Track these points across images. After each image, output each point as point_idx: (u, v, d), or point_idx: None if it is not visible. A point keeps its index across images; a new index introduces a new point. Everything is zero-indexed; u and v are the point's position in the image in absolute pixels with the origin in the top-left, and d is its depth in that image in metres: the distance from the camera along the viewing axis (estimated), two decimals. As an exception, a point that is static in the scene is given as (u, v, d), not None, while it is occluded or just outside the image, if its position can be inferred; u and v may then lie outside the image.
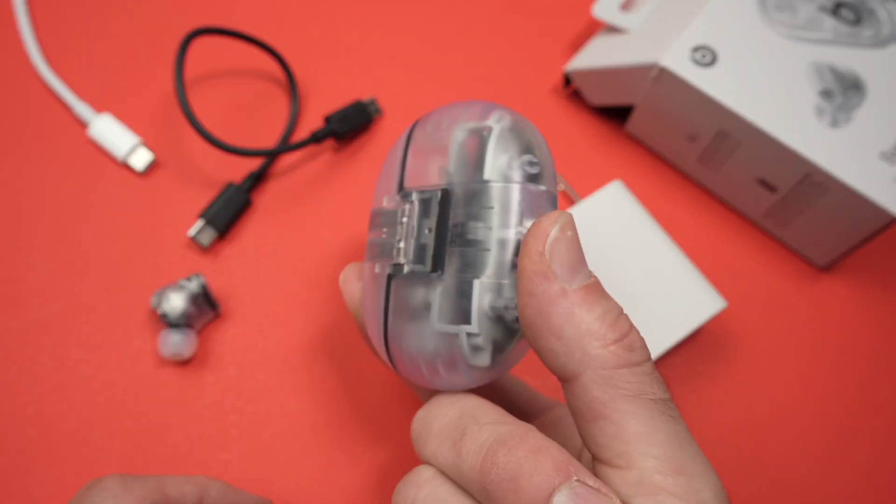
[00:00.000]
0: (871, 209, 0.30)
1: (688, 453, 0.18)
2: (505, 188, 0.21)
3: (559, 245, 0.19)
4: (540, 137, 0.22)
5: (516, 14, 0.41)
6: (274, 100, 0.38)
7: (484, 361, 0.21)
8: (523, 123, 0.22)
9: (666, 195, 0.37)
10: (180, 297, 0.31)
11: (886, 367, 0.33)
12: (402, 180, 0.23)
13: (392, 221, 0.23)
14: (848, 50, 0.33)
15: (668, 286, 0.31)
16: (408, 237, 0.22)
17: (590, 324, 0.18)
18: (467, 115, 0.22)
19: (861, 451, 0.32)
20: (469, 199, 0.21)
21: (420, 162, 0.23)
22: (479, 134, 0.22)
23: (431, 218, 0.22)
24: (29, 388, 0.31)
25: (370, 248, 0.24)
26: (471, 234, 0.21)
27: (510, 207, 0.21)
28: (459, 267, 0.21)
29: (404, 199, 0.23)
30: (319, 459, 0.30)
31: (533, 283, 0.19)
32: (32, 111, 0.37)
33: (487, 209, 0.21)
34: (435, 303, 0.21)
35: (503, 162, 0.21)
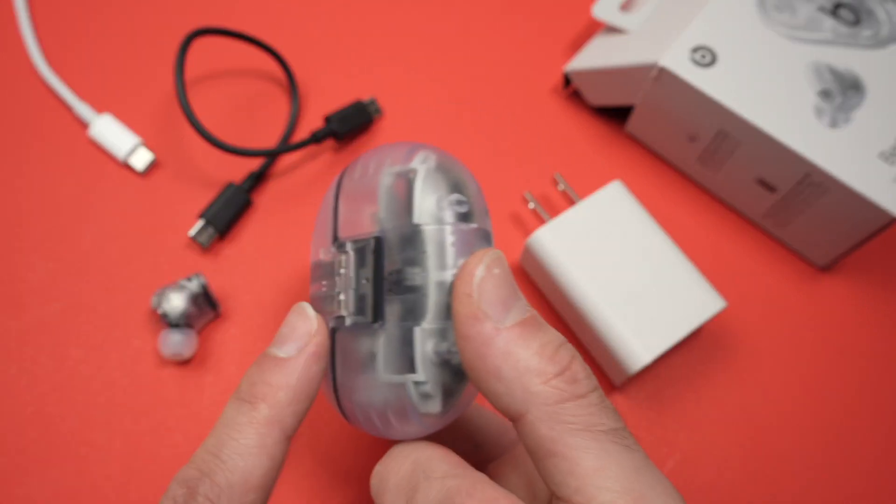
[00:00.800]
0: (871, 209, 0.31)
1: (646, 482, 0.17)
2: (436, 230, 0.21)
3: (486, 284, 0.19)
4: (467, 174, 0.22)
5: (516, 14, 0.41)
6: (274, 100, 0.38)
7: (435, 408, 0.21)
8: (449, 162, 0.22)
9: (666, 195, 0.37)
10: (180, 297, 0.31)
11: (886, 367, 0.33)
12: (335, 230, 0.23)
13: (330, 273, 0.23)
14: (847, 50, 0.33)
15: (668, 286, 0.31)
16: (347, 288, 0.22)
17: (528, 360, 0.18)
18: (392, 159, 0.22)
19: (861, 451, 0.32)
20: (402, 244, 0.21)
21: (351, 210, 0.23)
22: (406, 177, 0.22)
23: (368, 267, 0.21)
24: (29, 388, 0.31)
25: (313, 302, 0.24)
26: (408, 281, 0.21)
27: (444, 249, 0.20)
28: (400, 315, 0.21)
29: (339, 250, 0.23)
30: (320, 460, 0.30)
31: (466, 325, 0.19)
32: (33, 111, 0.37)
33: (421, 253, 0.21)
34: (379, 353, 0.21)
35: (431, 203, 0.21)
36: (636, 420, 0.32)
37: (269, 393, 0.20)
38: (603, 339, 0.30)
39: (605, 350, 0.30)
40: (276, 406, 0.20)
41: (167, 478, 0.30)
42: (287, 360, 0.21)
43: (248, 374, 0.21)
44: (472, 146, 0.37)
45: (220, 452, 0.20)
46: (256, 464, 0.20)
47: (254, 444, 0.20)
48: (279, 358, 0.21)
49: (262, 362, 0.21)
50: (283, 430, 0.20)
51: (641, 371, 0.33)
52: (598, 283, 0.31)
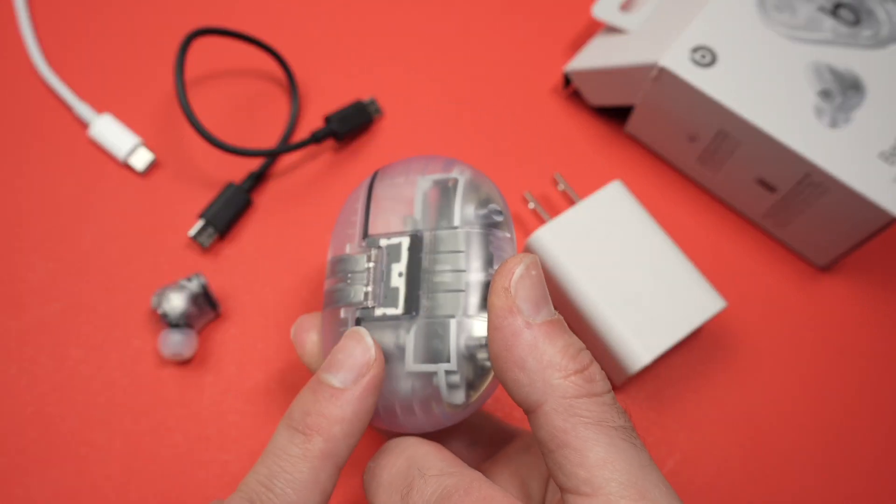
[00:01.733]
0: (871, 209, 0.31)
1: (650, 480, 0.18)
2: (474, 234, 0.22)
3: (524, 282, 0.20)
4: (497, 189, 0.24)
5: (516, 14, 0.41)
6: (274, 100, 0.38)
7: (459, 399, 0.21)
8: (482, 177, 0.24)
9: (666, 195, 0.37)
10: (180, 297, 0.31)
11: (886, 367, 0.33)
12: (365, 228, 0.24)
13: (355, 268, 0.24)
14: (847, 50, 0.33)
15: (668, 286, 0.31)
16: (376, 281, 0.23)
17: (552, 356, 0.19)
18: (431, 168, 0.24)
19: (861, 452, 0.32)
20: (440, 244, 0.22)
21: (383, 211, 0.24)
22: (444, 185, 0.24)
23: (401, 262, 0.23)
24: (29, 388, 0.31)
25: (330, 295, 0.24)
26: (444, 277, 0.22)
27: (480, 252, 0.22)
28: (433, 308, 0.22)
29: (370, 246, 0.24)
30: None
31: (499, 317, 0.20)
32: (33, 111, 0.37)
33: (459, 253, 0.22)
34: (409, 345, 0.22)
35: (470, 211, 0.23)
36: (636, 420, 0.32)
37: (325, 426, 0.20)
38: (603, 339, 0.30)
39: (605, 350, 0.30)
40: (331, 440, 0.20)
41: (167, 478, 0.30)
42: (343, 391, 0.20)
43: (302, 402, 0.20)
44: (472, 146, 0.37)
45: (272, 485, 0.19)
46: (309, 498, 0.20)
47: (308, 479, 0.19)
48: (335, 388, 0.20)
49: (317, 390, 0.20)
50: (336, 464, 0.20)
51: (641, 371, 0.33)
52: (598, 283, 0.31)
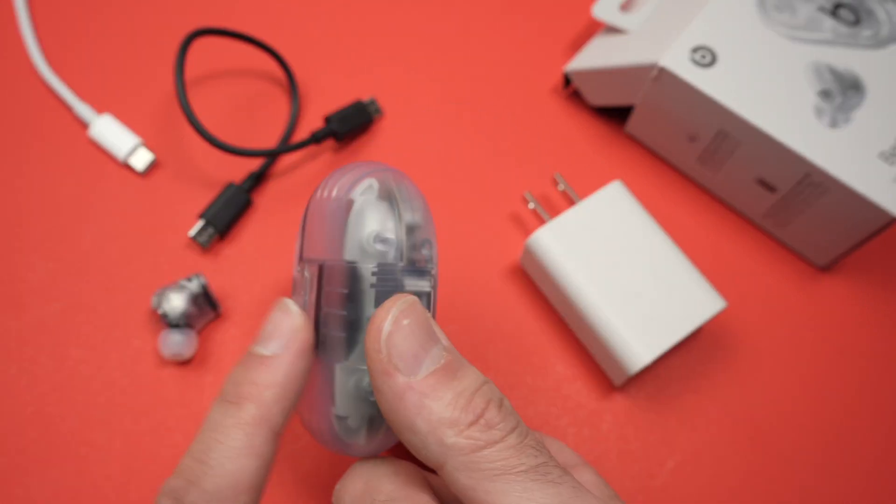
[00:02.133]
0: (871, 209, 0.31)
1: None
2: (360, 269, 0.21)
3: (394, 338, 0.19)
4: (413, 201, 0.22)
5: (516, 14, 0.41)
6: (274, 100, 0.38)
7: (360, 440, 0.21)
8: (392, 189, 0.22)
9: (666, 195, 0.37)
10: (181, 298, 0.31)
11: (886, 367, 0.33)
12: (301, 249, 0.23)
13: (299, 291, 0.23)
14: (847, 50, 0.33)
15: (668, 286, 0.31)
16: (308, 310, 0.22)
17: (441, 412, 0.18)
18: (340, 186, 0.22)
19: (861, 452, 0.32)
20: (330, 280, 0.21)
21: (312, 231, 0.23)
22: (344, 208, 0.21)
23: (312, 294, 0.22)
24: (29, 388, 0.31)
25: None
26: (334, 317, 0.21)
27: (364, 290, 0.20)
28: (326, 348, 0.21)
29: (302, 270, 0.23)
30: (320, 461, 0.30)
31: (378, 380, 0.19)
32: (33, 111, 0.37)
33: (344, 291, 0.21)
34: (317, 382, 0.22)
35: (360, 239, 0.21)
36: (636, 420, 0.32)
37: (255, 392, 0.20)
38: (603, 339, 0.30)
39: (605, 350, 0.30)
40: (263, 405, 0.20)
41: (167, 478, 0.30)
42: (272, 357, 0.20)
43: (233, 375, 0.20)
44: (472, 146, 0.37)
45: (206, 458, 0.19)
46: (246, 464, 0.19)
47: (242, 446, 0.19)
48: (264, 356, 0.20)
49: (246, 362, 0.20)
50: (271, 429, 0.20)
51: (641, 371, 0.33)
52: (598, 283, 0.31)
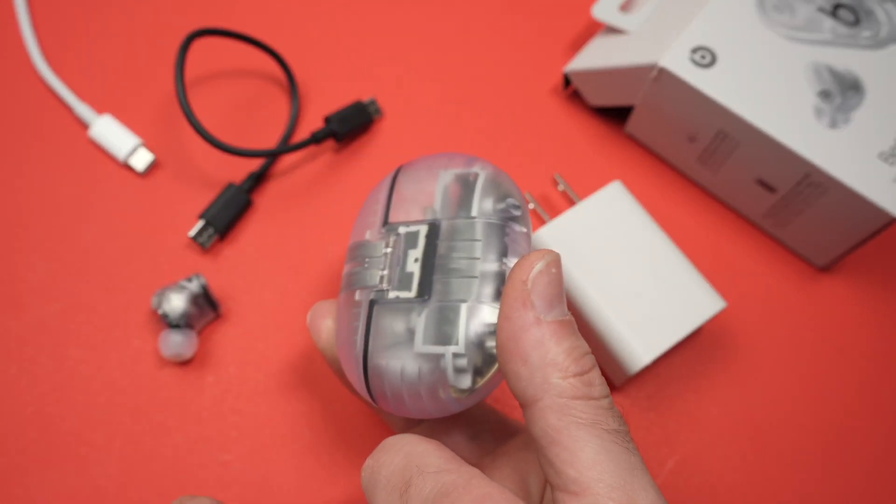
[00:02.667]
0: (870, 209, 0.31)
1: (640, 483, 0.18)
2: (492, 225, 0.23)
3: (542, 279, 0.20)
4: (516, 187, 0.25)
5: (516, 14, 0.41)
6: (274, 100, 0.38)
7: (465, 383, 0.22)
8: (503, 174, 0.25)
9: (665, 195, 0.37)
10: (181, 298, 0.31)
11: (886, 366, 0.34)
12: (386, 216, 0.25)
13: (373, 253, 0.24)
14: (846, 51, 0.33)
15: (668, 286, 0.31)
16: (392, 266, 0.23)
17: (556, 355, 0.19)
18: (453, 163, 0.25)
19: (861, 451, 0.32)
20: (456, 233, 0.23)
21: (404, 201, 0.25)
22: (466, 179, 0.24)
23: (418, 249, 0.23)
24: (29, 388, 0.31)
25: (348, 278, 0.24)
26: (458, 264, 0.22)
27: (496, 242, 0.23)
28: (446, 293, 0.22)
29: (389, 233, 0.24)
30: (320, 460, 0.30)
31: (511, 308, 0.20)
32: (33, 112, 0.37)
33: (475, 242, 0.23)
34: (420, 326, 0.22)
35: (489, 204, 0.23)
36: (636, 420, 0.32)
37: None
38: (603, 339, 0.30)
39: (605, 350, 0.30)
40: None
41: (167, 478, 0.30)
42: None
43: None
44: (472, 146, 0.37)
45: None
46: None
47: None
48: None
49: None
50: None
51: (641, 371, 0.33)
52: (597, 284, 0.31)
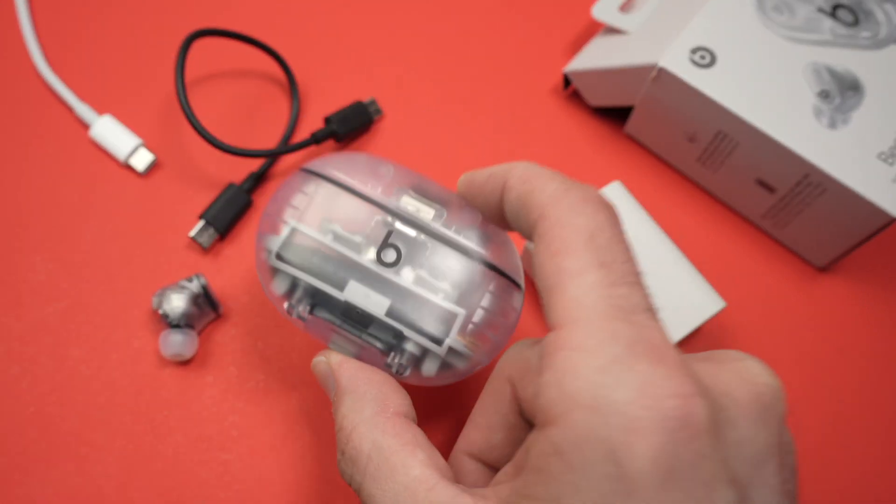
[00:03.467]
0: (870, 209, 0.31)
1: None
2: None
3: None
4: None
5: (516, 15, 0.41)
6: (274, 100, 0.38)
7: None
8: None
9: (665, 196, 0.37)
10: (181, 298, 0.31)
11: (885, 366, 0.34)
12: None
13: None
14: (846, 51, 0.33)
15: (668, 286, 0.31)
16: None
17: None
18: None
19: (860, 451, 0.32)
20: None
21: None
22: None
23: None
24: (30, 387, 0.31)
25: None
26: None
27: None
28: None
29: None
30: (321, 460, 0.30)
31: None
32: (34, 112, 0.37)
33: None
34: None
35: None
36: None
37: None
38: (602, 339, 0.30)
39: (605, 350, 0.30)
40: None
41: (168, 477, 0.30)
42: None
43: None
44: (472, 146, 0.37)
45: None
46: None
47: None
48: None
49: None
50: None
51: (641, 371, 0.33)
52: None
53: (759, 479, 0.17)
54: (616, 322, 0.17)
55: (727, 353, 0.19)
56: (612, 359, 0.16)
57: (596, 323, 0.17)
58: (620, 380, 0.16)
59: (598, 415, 0.16)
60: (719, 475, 0.16)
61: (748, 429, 0.17)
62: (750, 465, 0.17)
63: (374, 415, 0.22)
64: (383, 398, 0.23)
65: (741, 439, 0.17)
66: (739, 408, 0.17)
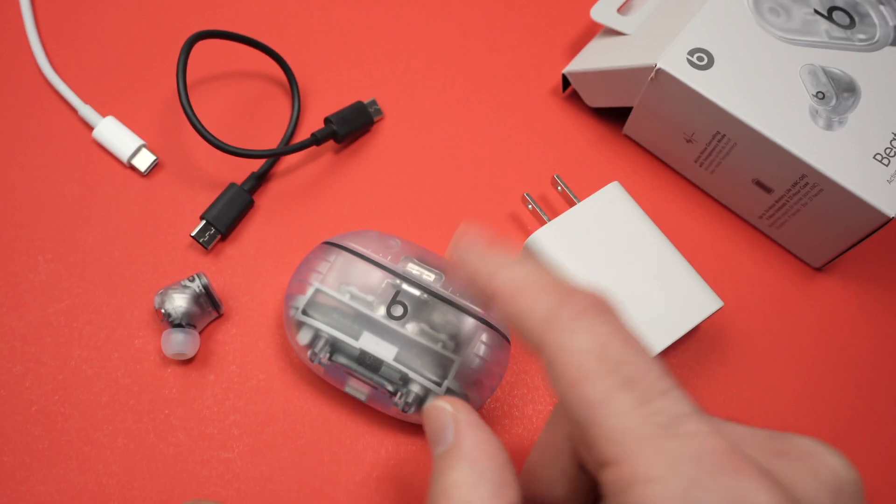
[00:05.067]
0: (866, 209, 0.31)
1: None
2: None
3: None
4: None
5: (516, 16, 0.41)
6: (275, 101, 0.38)
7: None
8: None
9: (663, 196, 0.37)
10: (183, 297, 0.31)
11: (882, 365, 0.34)
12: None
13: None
14: (842, 53, 0.33)
15: (666, 286, 0.31)
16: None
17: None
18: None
19: (858, 450, 0.32)
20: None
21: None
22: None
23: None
24: (33, 387, 0.31)
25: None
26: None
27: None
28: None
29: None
30: (321, 458, 0.31)
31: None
32: (37, 114, 0.37)
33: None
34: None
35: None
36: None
37: None
38: (601, 338, 0.30)
39: (604, 349, 0.31)
40: None
41: (169, 476, 0.30)
42: None
43: None
44: (471, 147, 0.38)
45: None
46: None
47: None
48: None
49: None
50: None
51: (639, 370, 0.33)
52: (596, 283, 0.31)
53: None
54: (671, 442, 0.16)
55: (798, 441, 0.18)
56: (688, 482, 0.15)
57: (652, 450, 0.16)
58: (710, 498, 0.15)
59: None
60: None
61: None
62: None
63: (490, 499, 0.20)
64: (502, 484, 0.20)
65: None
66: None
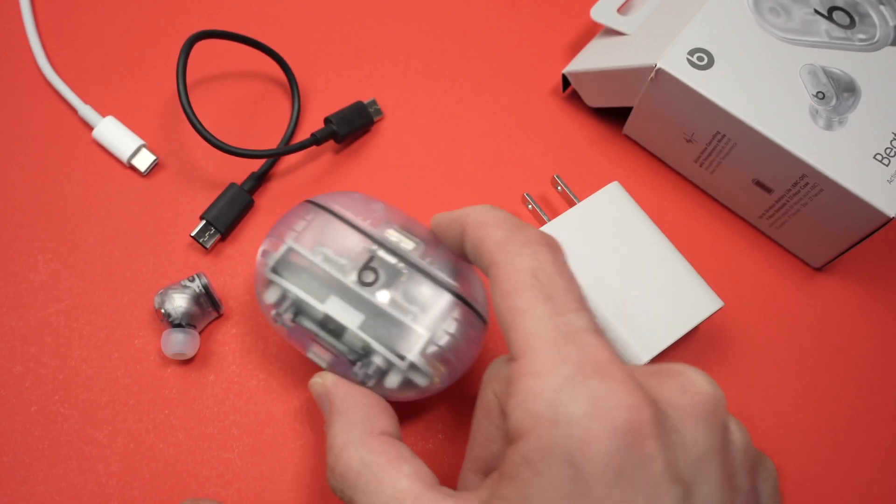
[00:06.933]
0: (866, 209, 0.31)
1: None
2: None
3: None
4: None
5: (516, 16, 0.41)
6: (275, 101, 0.38)
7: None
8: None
9: (663, 196, 0.37)
10: (183, 297, 0.31)
11: (882, 365, 0.34)
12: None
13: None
14: (842, 53, 0.33)
15: (665, 286, 0.31)
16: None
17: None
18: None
19: (858, 450, 0.32)
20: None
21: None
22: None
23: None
24: (33, 387, 0.31)
25: None
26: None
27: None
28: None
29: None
30: (321, 458, 0.31)
31: None
32: (38, 114, 0.37)
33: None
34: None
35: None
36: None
37: None
38: (601, 338, 0.30)
39: (604, 349, 0.31)
40: None
41: (169, 476, 0.30)
42: None
43: None
44: (471, 147, 0.38)
45: None
46: None
47: None
48: None
49: None
50: None
51: (639, 370, 0.33)
52: (595, 284, 0.31)
53: (703, 477, 0.19)
54: (565, 346, 0.20)
55: (673, 366, 0.22)
56: (565, 379, 0.19)
57: (548, 350, 0.20)
58: (574, 397, 0.19)
59: (558, 427, 0.19)
60: (665, 474, 0.18)
61: (690, 433, 0.20)
62: (693, 465, 0.19)
63: (363, 434, 0.24)
64: (371, 419, 0.25)
65: (684, 442, 0.19)
66: (682, 415, 0.20)
